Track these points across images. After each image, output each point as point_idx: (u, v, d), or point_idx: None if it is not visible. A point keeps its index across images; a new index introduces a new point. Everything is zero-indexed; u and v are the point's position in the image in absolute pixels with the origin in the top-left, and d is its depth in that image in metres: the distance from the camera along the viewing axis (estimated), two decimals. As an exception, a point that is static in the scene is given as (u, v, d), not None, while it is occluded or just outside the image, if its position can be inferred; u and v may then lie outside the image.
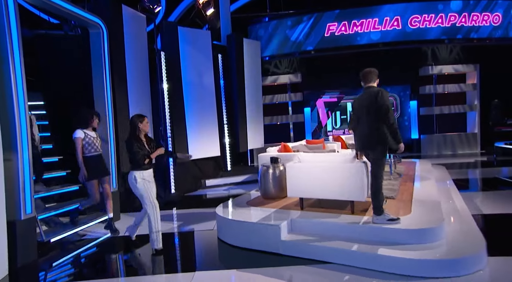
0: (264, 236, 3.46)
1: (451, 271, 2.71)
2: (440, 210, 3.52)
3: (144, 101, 5.96)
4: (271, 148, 5.80)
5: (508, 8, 9.29)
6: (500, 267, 2.83)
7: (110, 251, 4.04)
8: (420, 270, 2.75)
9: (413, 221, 3.27)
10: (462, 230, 3.32)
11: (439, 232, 3.10)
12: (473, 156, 10.04)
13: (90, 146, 4.20)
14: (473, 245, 2.97)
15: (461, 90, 11.11)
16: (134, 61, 5.67)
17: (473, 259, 2.79)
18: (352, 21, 9.01)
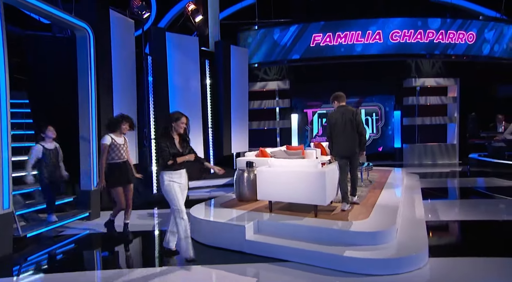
0: (231, 235, 3.66)
1: (395, 269, 2.97)
2: (395, 215, 3.76)
3: (130, 104, 6.14)
4: (249, 153, 6.01)
5: (481, 28, 9.75)
6: (438, 266, 3.09)
7: (87, 247, 4.19)
8: (370, 268, 2.99)
9: (368, 224, 3.51)
10: (411, 234, 3.58)
11: (389, 234, 3.35)
12: (451, 166, 10.40)
13: (114, 152, 3.98)
14: (417, 246, 3.22)
15: (442, 102, 11.52)
16: (120, 64, 5.86)
17: (414, 259, 3.05)
18: (336, 32, 9.34)
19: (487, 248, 3.66)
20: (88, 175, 5.13)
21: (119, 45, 5.79)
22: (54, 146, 4.52)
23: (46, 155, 4.39)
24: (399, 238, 3.42)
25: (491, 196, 6.37)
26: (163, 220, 5.03)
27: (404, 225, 3.86)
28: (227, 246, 3.69)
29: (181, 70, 7.13)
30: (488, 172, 8.26)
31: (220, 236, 3.77)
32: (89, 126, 5.16)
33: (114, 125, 4.07)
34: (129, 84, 6.13)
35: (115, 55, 5.67)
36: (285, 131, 11.65)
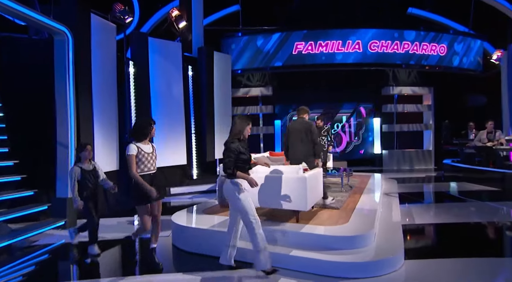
0: (215, 242, 3.66)
1: (374, 271, 3.09)
2: (373, 220, 3.90)
3: (111, 109, 6.03)
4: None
5: (452, 41, 10.39)
6: (413, 268, 3.24)
7: (62, 257, 4.05)
8: (350, 272, 3.09)
9: (348, 229, 3.63)
10: (388, 237, 3.72)
11: (368, 238, 3.48)
12: (427, 171, 10.86)
13: (143, 164, 3.32)
14: (394, 249, 3.37)
15: (418, 110, 12.07)
16: (101, 69, 5.77)
17: (391, 261, 3.18)
18: (318, 41, 9.64)
19: (460, 250, 3.87)
20: (65, 182, 4.97)
21: (100, 50, 5.71)
22: (92, 166, 3.93)
23: (85, 177, 3.80)
24: (377, 241, 3.56)
25: (462, 200, 6.71)
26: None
27: (382, 228, 4.01)
28: (211, 253, 3.68)
29: (163, 75, 7.10)
30: (460, 177, 8.69)
31: (204, 243, 3.76)
32: (67, 132, 5.03)
33: (143, 131, 3.37)
34: (110, 89, 6.04)
35: (95, 60, 5.58)
36: (268, 137, 11.77)
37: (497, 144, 8.07)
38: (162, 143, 7.00)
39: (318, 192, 4.44)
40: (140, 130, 3.38)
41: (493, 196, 6.91)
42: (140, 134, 3.36)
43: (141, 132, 3.37)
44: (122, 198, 6.25)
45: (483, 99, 11.82)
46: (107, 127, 5.94)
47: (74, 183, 3.72)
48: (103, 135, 5.82)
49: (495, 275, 3.24)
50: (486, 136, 8.38)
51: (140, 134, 3.36)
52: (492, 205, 6.12)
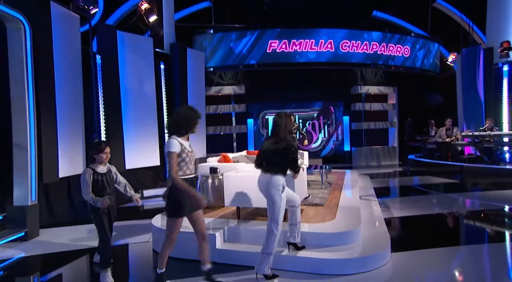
0: (200, 245, 3.49)
1: (363, 267, 3.14)
2: (359, 215, 4.00)
3: (76, 106, 5.55)
4: (211, 158, 5.86)
5: (414, 44, 11.13)
6: (400, 260, 3.36)
7: (21, 273, 3.62)
8: (342, 268, 3.11)
9: (336, 225, 3.67)
10: (374, 232, 3.84)
11: (356, 234, 3.54)
12: (393, 167, 11.49)
13: (186, 165, 2.71)
14: (381, 244, 3.47)
15: (384, 108, 12.74)
16: (64, 63, 5.28)
17: (380, 256, 3.27)
18: (291, 40, 9.75)
19: (438, 239, 4.10)
20: (24, 188, 4.47)
21: (62, 42, 5.22)
22: (107, 168, 3.21)
23: (98, 181, 3.10)
24: (364, 236, 3.63)
25: (429, 193, 7.19)
26: (117, 234, 4.61)
27: (366, 223, 4.12)
28: (196, 257, 3.49)
29: (134, 71, 6.70)
30: (424, 171, 9.31)
31: (189, 247, 3.57)
32: (26, 132, 4.52)
33: (189, 123, 2.71)
34: (75, 86, 5.55)
35: (58, 53, 5.09)
36: (241, 136, 11.68)
37: (454, 139, 8.77)
38: (133, 142, 6.61)
39: (303, 190, 4.46)
40: (185, 120, 2.69)
41: (453, 188, 7.49)
42: (183, 127, 2.68)
43: (186, 124, 2.69)
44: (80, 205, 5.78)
45: (440, 98, 12.82)
46: (73, 127, 5.46)
47: (88, 187, 3.03)
48: (68, 135, 5.34)
49: (478, 261, 3.48)
50: (445, 133, 9.08)
51: (185, 126, 2.68)
52: (453, 197, 6.61)
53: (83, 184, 3.06)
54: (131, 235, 4.55)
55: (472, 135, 8.15)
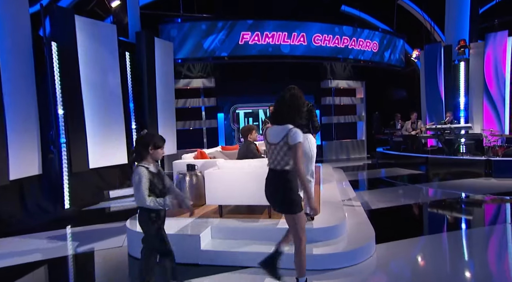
0: (183, 247, 3.40)
1: (350, 260, 3.26)
2: (342, 209, 4.15)
3: (27, 101, 5.07)
4: (186, 155, 5.71)
5: (382, 39, 11.72)
6: (384, 251, 3.56)
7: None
8: (330, 263, 3.20)
9: (321, 220, 3.75)
10: (358, 224, 4.00)
11: (342, 228, 3.67)
12: (362, 160, 12.10)
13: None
14: (366, 236, 3.62)
15: (352, 102, 13.30)
16: (10, 49, 4.76)
17: (365, 248, 3.41)
18: (264, 32, 9.74)
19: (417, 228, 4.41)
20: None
21: (7, 24, 4.69)
22: (157, 169, 2.63)
23: (152, 183, 2.51)
24: (349, 229, 3.77)
25: (400, 184, 7.68)
26: (82, 240, 4.34)
27: (348, 215, 4.29)
28: (179, 260, 3.40)
29: (96, 62, 6.26)
30: (391, 163, 9.92)
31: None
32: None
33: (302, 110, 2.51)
34: (25, 75, 5.05)
35: (2, 37, 4.58)
36: (211, 131, 11.52)
37: (419, 132, 9.46)
38: (97, 140, 6.22)
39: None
40: (144, 146, 2.50)
41: (419, 179, 8.08)
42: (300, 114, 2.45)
43: (300, 112, 2.46)
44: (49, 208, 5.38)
45: (404, 93, 13.71)
46: (25, 123, 4.99)
47: (146, 190, 2.44)
48: (20, 132, 4.88)
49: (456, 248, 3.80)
50: (410, 126, 9.75)
51: (301, 114, 2.46)
52: (419, 187, 7.14)
53: (138, 187, 2.41)
54: (99, 240, 4.30)
55: (435, 128, 8.84)
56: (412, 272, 3.22)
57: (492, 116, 9.62)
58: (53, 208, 5.39)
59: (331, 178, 6.60)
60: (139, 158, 2.51)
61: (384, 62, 11.79)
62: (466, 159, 8.06)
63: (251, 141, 4.68)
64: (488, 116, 9.68)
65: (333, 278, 3.05)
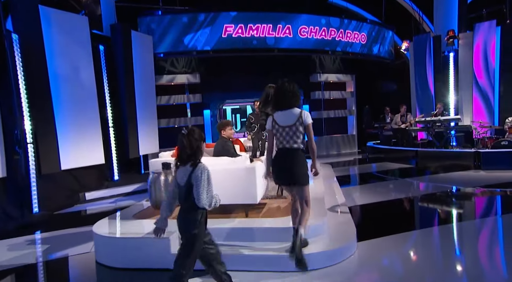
0: (151, 252, 3.22)
1: (331, 260, 3.12)
2: (323, 206, 4.01)
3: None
4: (164, 153, 5.49)
5: (370, 31, 11.58)
6: (366, 249, 3.42)
7: None
8: (310, 263, 2.97)
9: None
10: (340, 222, 3.88)
11: (322, 226, 3.53)
12: (353, 154, 12.01)
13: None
14: (347, 234, 3.50)
15: (342, 96, 13.17)
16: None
17: (346, 247, 3.28)
18: (248, 24, 9.50)
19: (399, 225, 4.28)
20: None
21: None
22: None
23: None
24: (330, 227, 3.64)
25: (385, 179, 7.60)
26: (50, 247, 4.10)
27: (331, 214, 4.16)
28: (148, 266, 3.23)
29: (66, 56, 5.96)
30: (382, 158, 9.84)
31: (138, 255, 3.26)
32: None
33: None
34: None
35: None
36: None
37: (409, 125, 9.38)
38: (69, 139, 5.94)
39: (265, 183, 4.36)
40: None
41: (408, 173, 8.01)
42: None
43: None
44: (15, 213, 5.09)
45: (394, 86, 13.62)
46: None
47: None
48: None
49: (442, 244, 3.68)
50: (400, 119, 9.67)
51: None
52: (408, 181, 7.07)
53: (209, 186, 2.27)
54: (68, 246, 4.06)
55: (424, 121, 8.76)
56: (393, 270, 3.10)
57: (482, 107, 9.59)
58: (19, 213, 5.11)
59: (321, 172, 6.44)
60: (199, 155, 2.33)
61: (373, 55, 11.68)
62: (455, 152, 8.00)
63: (227, 138, 4.46)
64: (478, 108, 9.65)
65: (312, 279, 2.89)
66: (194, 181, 2.23)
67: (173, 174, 2.40)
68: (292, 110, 2.89)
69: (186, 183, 2.25)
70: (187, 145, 2.29)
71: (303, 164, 2.92)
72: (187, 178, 2.25)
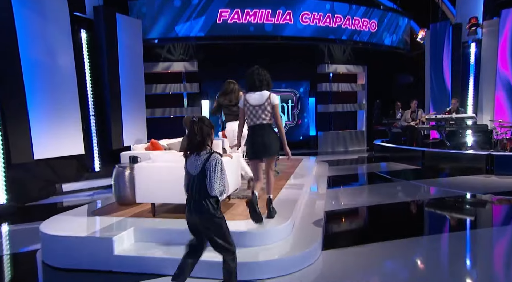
0: (94, 251, 3.11)
1: (286, 269, 2.92)
2: (291, 210, 3.76)
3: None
4: (138, 145, 5.38)
5: (382, 18, 10.93)
6: (330, 259, 3.20)
7: None
8: (261, 272, 2.87)
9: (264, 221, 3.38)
10: (307, 227, 3.65)
11: (283, 231, 3.32)
12: (360, 152, 11.58)
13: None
14: (310, 241, 3.27)
15: (352, 89, 12.66)
16: None
17: (306, 255, 3.07)
18: (245, 9, 9.18)
19: (380, 233, 4.00)
20: None
21: None
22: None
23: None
24: (296, 232, 3.44)
25: (381, 181, 7.24)
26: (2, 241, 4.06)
27: (304, 217, 3.94)
28: (91, 267, 3.12)
29: (42, 40, 5.88)
30: (387, 157, 9.40)
31: (82, 255, 3.16)
32: None
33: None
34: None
35: None
36: (194, 120, 11.14)
37: (419, 122, 8.87)
38: (46, 129, 5.91)
39: (235, 181, 4.15)
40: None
41: (411, 175, 7.57)
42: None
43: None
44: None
45: (410, 79, 12.94)
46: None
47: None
48: None
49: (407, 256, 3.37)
50: (410, 115, 9.16)
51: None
52: (406, 184, 6.66)
53: (222, 175, 2.34)
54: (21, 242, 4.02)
55: (434, 118, 8.25)
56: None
57: (505, 105, 8.94)
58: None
59: (308, 172, 6.19)
60: (209, 142, 2.41)
61: (384, 44, 11.07)
62: (465, 153, 7.48)
63: None
64: (500, 105, 9.00)
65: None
66: (207, 170, 2.28)
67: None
68: (262, 92, 3.48)
69: (200, 172, 2.31)
70: (198, 132, 2.33)
71: (276, 137, 3.49)
72: (201, 167, 2.30)
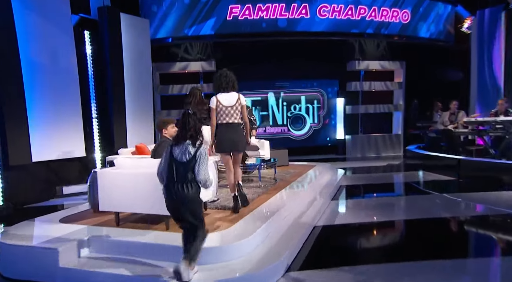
0: (38, 262, 3.10)
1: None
2: (263, 223, 3.49)
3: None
4: (124, 150, 5.39)
5: (416, 6, 9.90)
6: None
7: None
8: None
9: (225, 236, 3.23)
10: (275, 244, 3.32)
11: (244, 248, 3.09)
12: (395, 159, 10.66)
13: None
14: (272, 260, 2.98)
15: (387, 88, 11.75)
16: None
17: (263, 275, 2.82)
18: (257, 4, 8.91)
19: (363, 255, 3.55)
20: None
21: None
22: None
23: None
24: (262, 249, 3.18)
25: (404, 193, 6.59)
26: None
27: (282, 232, 3.64)
28: (36, 278, 3.10)
29: (44, 42, 6.17)
30: (419, 165, 8.49)
31: (29, 266, 3.16)
32: None
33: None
34: None
35: None
36: (211, 122, 11.13)
37: (458, 126, 7.89)
38: (46, 131, 6.19)
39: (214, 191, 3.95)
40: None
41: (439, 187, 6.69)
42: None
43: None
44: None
45: (458, 75, 11.63)
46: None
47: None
48: None
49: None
50: (449, 118, 8.20)
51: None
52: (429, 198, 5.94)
53: (207, 164, 2.78)
54: None
55: (475, 121, 7.25)
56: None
57: None
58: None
59: (311, 181, 5.78)
60: (200, 136, 2.73)
61: (419, 37, 10.05)
62: (506, 164, 6.44)
63: (167, 138, 4.12)
64: None
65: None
66: (198, 158, 2.65)
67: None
68: (233, 93, 3.94)
69: (190, 159, 2.64)
70: (193, 125, 2.67)
71: (243, 135, 4.03)
72: (192, 155, 2.64)
